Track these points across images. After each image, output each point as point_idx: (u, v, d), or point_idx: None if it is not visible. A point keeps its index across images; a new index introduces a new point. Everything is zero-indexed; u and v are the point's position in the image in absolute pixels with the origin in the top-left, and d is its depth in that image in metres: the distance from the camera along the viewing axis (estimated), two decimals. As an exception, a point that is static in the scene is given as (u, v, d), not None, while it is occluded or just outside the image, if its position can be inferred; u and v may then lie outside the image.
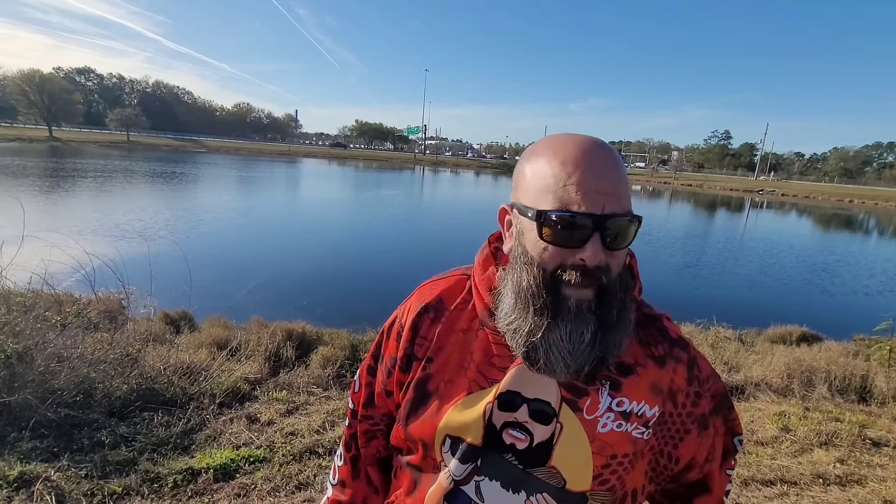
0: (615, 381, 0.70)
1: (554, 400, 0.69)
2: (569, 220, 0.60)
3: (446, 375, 0.73)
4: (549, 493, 0.68)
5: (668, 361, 0.72)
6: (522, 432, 0.69)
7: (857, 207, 46.69)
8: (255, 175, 35.52)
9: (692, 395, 0.74)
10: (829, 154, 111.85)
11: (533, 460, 0.69)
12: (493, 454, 0.70)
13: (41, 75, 69.41)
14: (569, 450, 0.68)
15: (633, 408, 0.69)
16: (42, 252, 4.37)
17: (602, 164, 0.62)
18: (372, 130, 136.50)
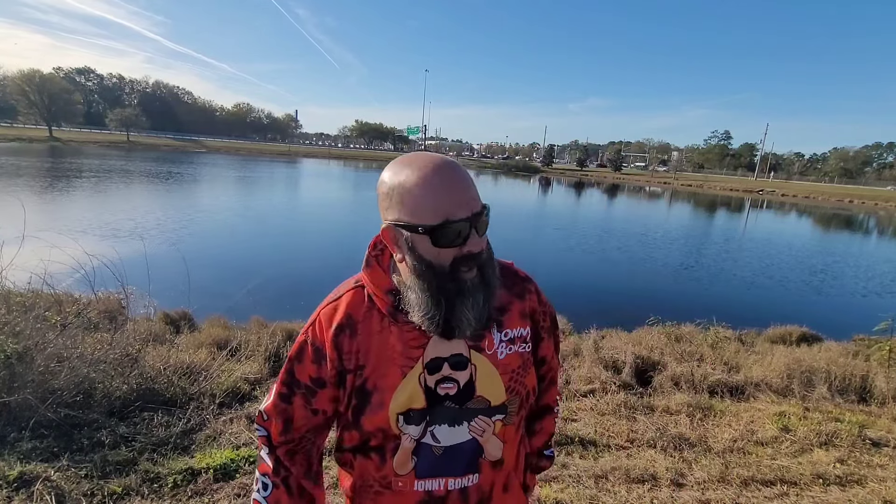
0: (499, 321, 0.94)
1: (464, 350, 0.90)
2: (454, 226, 0.80)
3: (379, 371, 0.88)
4: (482, 415, 0.91)
5: (525, 294, 1.00)
6: (450, 382, 0.89)
7: (857, 208, 46.67)
8: (255, 175, 35.51)
9: (541, 314, 1.02)
10: (829, 154, 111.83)
11: (464, 398, 0.90)
12: (437, 406, 0.89)
13: (41, 75, 69.36)
14: (485, 380, 0.91)
15: (515, 333, 0.95)
16: (42, 252, 4.37)
17: (461, 178, 0.82)
18: (372, 131, 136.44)
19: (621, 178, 73.05)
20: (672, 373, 4.36)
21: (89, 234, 10.66)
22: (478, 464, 0.93)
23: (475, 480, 0.93)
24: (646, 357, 4.64)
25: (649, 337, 5.44)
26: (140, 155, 46.66)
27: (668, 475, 2.85)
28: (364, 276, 0.92)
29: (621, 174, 79.39)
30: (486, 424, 0.92)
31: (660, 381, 4.26)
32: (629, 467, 2.90)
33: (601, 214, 26.81)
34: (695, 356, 4.88)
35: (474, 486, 0.93)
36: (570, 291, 9.57)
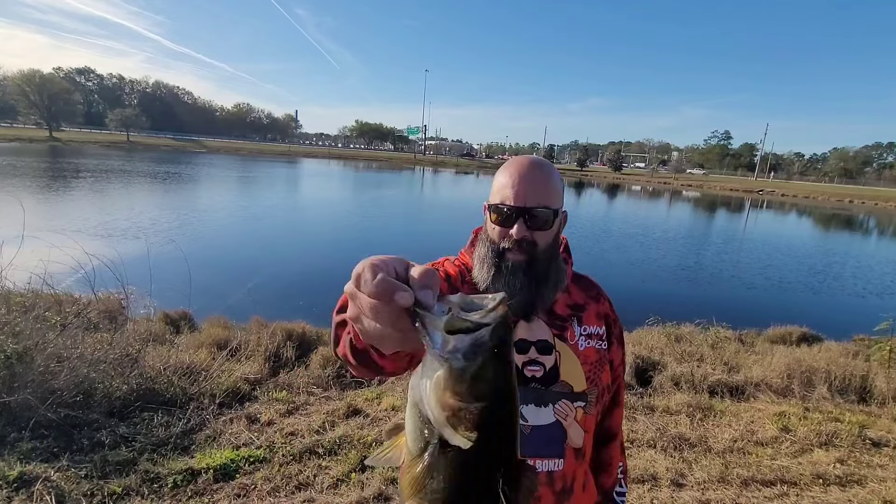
0: (579, 316, 1.05)
1: (549, 337, 1.00)
2: (503, 209, 0.96)
3: None
4: (565, 399, 0.99)
5: (600, 298, 1.11)
6: (537, 365, 0.98)
7: (857, 208, 46.66)
8: (255, 175, 35.51)
9: (613, 321, 1.11)
10: (829, 154, 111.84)
11: (549, 381, 0.98)
12: (523, 387, 0.96)
13: (41, 75, 69.32)
14: (568, 366, 1.00)
15: (593, 330, 1.05)
16: (42, 252, 4.36)
17: (529, 174, 0.96)
18: (372, 131, 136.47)
19: (621, 178, 73.05)
20: (672, 373, 4.36)
21: (89, 234, 10.66)
22: (563, 448, 0.99)
23: (560, 466, 0.98)
24: (646, 357, 4.64)
25: (649, 337, 5.44)
26: (140, 155, 46.65)
27: (668, 475, 2.85)
28: (462, 254, 1.10)
29: (621, 174, 79.40)
30: (569, 409, 0.99)
31: (660, 381, 4.26)
32: (629, 467, 2.89)
33: (600, 214, 26.82)
34: (695, 356, 4.88)
35: (559, 472, 0.98)
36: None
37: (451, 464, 0.43)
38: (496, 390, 0.43)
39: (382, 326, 0.46)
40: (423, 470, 0.44)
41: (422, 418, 0.44)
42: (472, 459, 0.43)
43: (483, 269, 0.98)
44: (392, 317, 0.45)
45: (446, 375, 0.41)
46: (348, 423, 3.21)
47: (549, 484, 0.97)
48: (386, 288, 0.44)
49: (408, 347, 0.48)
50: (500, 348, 0.43)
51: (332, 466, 2.73)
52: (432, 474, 0.44)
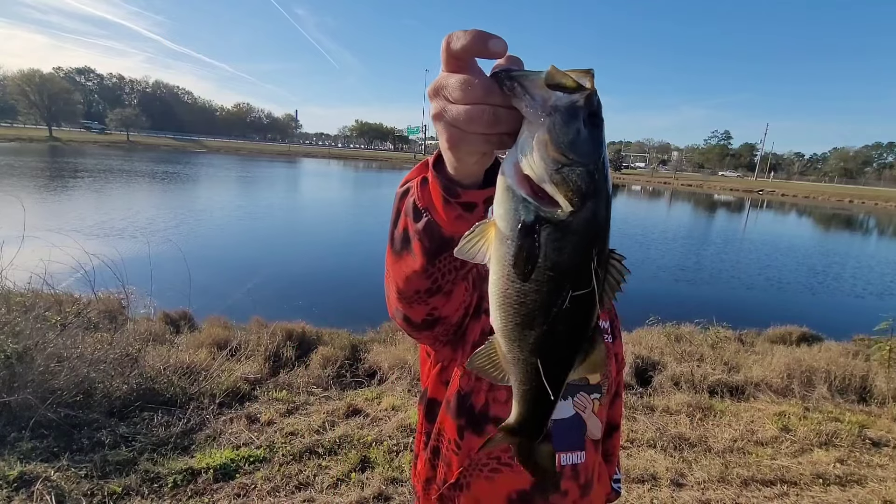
0: None
1: None
2: None
3: None
4: (583, 391, 1.01)
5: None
6: None
7: (857, 207, 46.67)
8: (255, 175, 35.51)
9: (615, 315, 1.13)
10: (829, 154, 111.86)
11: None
12: None
13: (41, 75, 69.32)
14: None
15: (601, 325, 1.06)
16: (42, 252, 4.37)
17: None
18: (372, 130, 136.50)
19: (621, 178, 73.06)
20: (672, 373, 4.36)
21: (84, 234, 10.66)
22: (584, 441, 1.00)
23: (583, 458, 0.99)
24: (646, 357, 4.64)
25: (649, 337, 5.44)
26: (140, 155, 46.65)
27: (668, 475, 2.85)
28: None
29: (621, 174, 79.42)
30: (587, 401, 1.01)
31: (660, 381, 4.26)
32: (629, 467, 2.90)
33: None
34: (695, 356, 4.88)
35: (583, 464, 0.99)
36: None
37: (549, 238, 0.42)
38: (596, 157, 0.41)
39: (472, 106, 0.43)
40: (518, 249, 0.43)
41: (516, 198, 0.42)
42: (573, 231, 0.41)
43: None
44: (484, 88, 0.42)
45: (550, 129, 0.39)
46: (348, 423, 3.21)
47: (573, 478, 0.97)
48: (477, 36, 0.41)
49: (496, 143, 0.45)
50: (597, 112, 0.41)
51: (332, 466, 2.73)
52: (527, 253, 0.42)
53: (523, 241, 0.42)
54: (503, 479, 0.93)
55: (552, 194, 0.41)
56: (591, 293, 0.44)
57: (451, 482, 0.96)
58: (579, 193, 0.40)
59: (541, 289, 0.44)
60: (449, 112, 0.44)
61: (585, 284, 0.44)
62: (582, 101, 0.40)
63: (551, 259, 0.42)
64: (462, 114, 0.44)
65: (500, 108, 0.43)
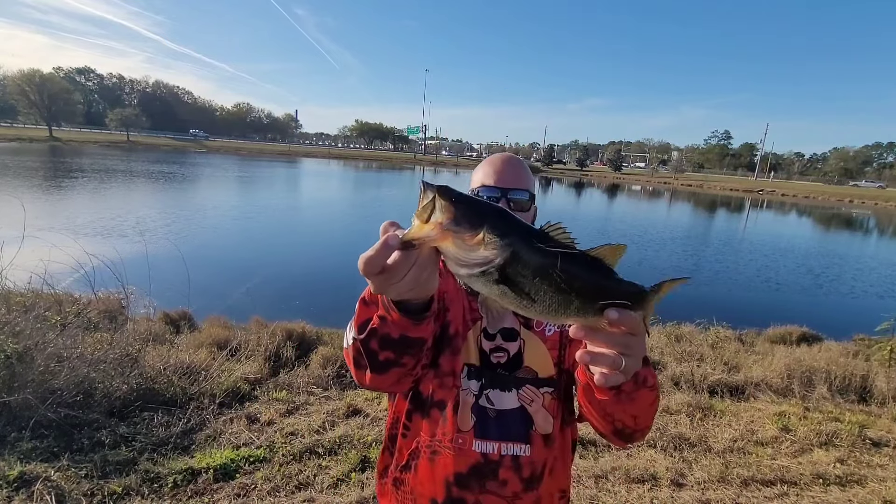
0: None
1: (515, 325, 1.04)
2: (487, 191, 1.06)
3: (458, 320, 1.02)
4: (530, 384, 1.02)
5: None
6: (501, 351, 1.02)
7: (857, 207, 46.67)
8: (255, 175, 35.50)
9: None
10: (829, 154, 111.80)
11: (514, 366, 1.02)
12: (489, 371, 1.02)
13: (41, 75, 69.20)
14: (532, 353, 1.03)
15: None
16: (42, 252, 4.37)
17: (508, 163, 1.09)
18: (372, 130, 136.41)
19: (621, 178, 73.05)
20: (672, 373, 4.36)
21: (75, 234, 10.66)
22: (529, 434, 1.00)
23: (527, 451, 0.99)
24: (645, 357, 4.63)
25: (649, 337, 5.43)
26: (140, 155, 46.63)
27: (668, 475, 2.85)
28: None
29: (621, 174, 79.39)
30: (535, 395, 1.01)
31: (660, 381, 4.26)
32: (629, 467, 2.90)
33: (600, 214, 26.82)
34: (695, 356, 4.88)
35: (527, 457, 0.99)
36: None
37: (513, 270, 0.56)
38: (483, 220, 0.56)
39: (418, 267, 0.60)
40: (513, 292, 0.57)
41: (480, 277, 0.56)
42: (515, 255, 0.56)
43: None
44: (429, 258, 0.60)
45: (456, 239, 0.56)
46: (348, 423, 3.21)
47: (514, 469, 0.97)
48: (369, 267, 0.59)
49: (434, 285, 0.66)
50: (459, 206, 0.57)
51: (332, 466, 2.73)
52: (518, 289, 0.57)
53: (505, 285, 0.55)
54: (443, 462, 0.98)
55: (483, 259, 0.55)
56: (565, 256, 0.56)
57: (401, 464, 1.02)
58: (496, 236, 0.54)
59: (543, 291, 0.57)
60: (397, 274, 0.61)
61: (553, 257, 0.56)
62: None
63: (528, 274, 0.55)
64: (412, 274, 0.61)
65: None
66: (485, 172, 1.07)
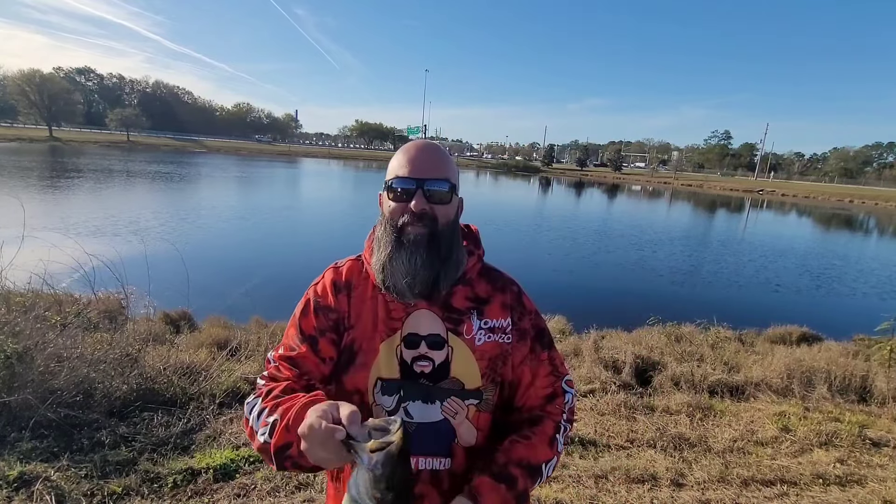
0: (479, 310, 0.99)
1: (442, 332, 0.96)
2: (400, 182, 0.93)
3: (366, 335, 0.96)
4: (455, 396, 0.96)
5: (506, 290, 1.04)
6: (426, 361, 0.95)
7: (857, 207, 46.66)
8: (255, 175, 35.49)
9: (517, 313, 1.03)
10: (829, 154, 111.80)
11: (438, 377, 0.95)
12: (410, 382, 0.95)
13: (41, 75, 69.21)
14: (460, 362, 0.96)
15: (495, 323, 0.99)
16: (42, 252, 4.37)
17: (424, 151, 0.95)
18: (372, 130, 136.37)
19: (621, 178, 73.04)
20: (672, 373, 4.36)
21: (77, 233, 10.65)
22: (451, 448, 0.96)
23: (447, 465, 0.96)
24: (646, 357, 4.64)
25: (649, 337, 5.44)
26: (140, 155, 46.62)
27: (668, 475, 2.85)
28: (365, 249, 1.04)
29: (621, 174, 79.39)
30: (459, 407, 0.96)
31: (660, 381, 4.26)
32: (629, 467, 2.90)
33: (601, 214, 26.82)
34: (695, 356, 4.88)
35: (446, 470, 0.96)
36: (570, 292, 9.57)
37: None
38: (403, 482, 0.68)
39: (327, 454, 0.68)
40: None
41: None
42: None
43: (381, 248, 0.94)
44: (335, 448, 0.67)
45: (373, 479, 0.66)
46: (348, 423, 3.21)
47: (433, 483, 0.94)
48: (327, 433, 0.66)
49: (341, 464, 0.74)
50: (403, 456, 0.67)
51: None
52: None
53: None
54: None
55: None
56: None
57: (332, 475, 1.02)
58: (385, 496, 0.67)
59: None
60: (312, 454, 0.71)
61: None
62: (392, 452, 0.65)
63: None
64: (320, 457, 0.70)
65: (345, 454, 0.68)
66: (398, 162, 0.94)
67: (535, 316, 1.05)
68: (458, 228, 1.00)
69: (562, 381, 1.07)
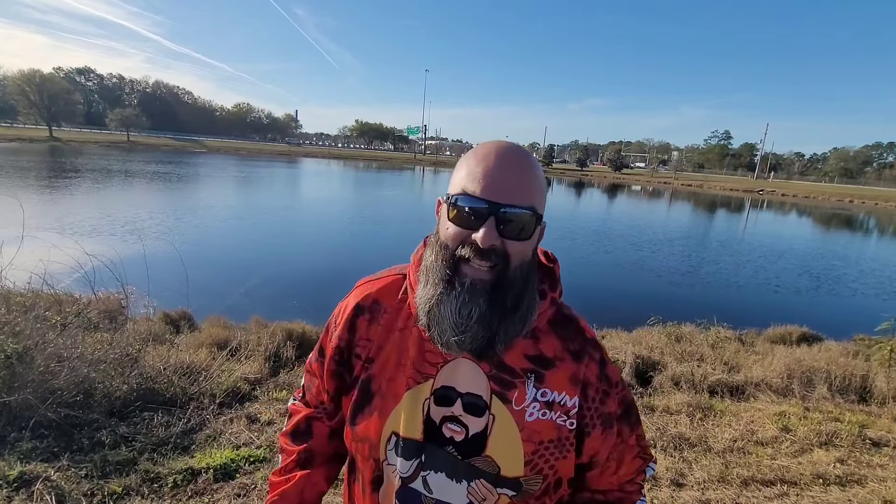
0: (539, 374, 0.76)
1: (485, 393, 0.74)
2: (468, 202, 0.69)
3: (387, 374, 0.78)
4: (486, 480, 0.74)
5: (583, 357, 0.78)
6: (459, 425, 0.75)
7: (857, 207, 46.66)
8: (254, 175, 35.48)
9: (601, 392, 0.79)
10: (829, 154, 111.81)
11: (470, 450, 0.74)
12: (435, 448, 0.75)
13: (41, 75, 69.20)
14: (501, 438, 0.74)
15: (556, 397, 0.76)
16: (42, 252, 4.37)
17: (509, 163, 0.70)
18: (372, 130, 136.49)
19: (621, 178, 73.04)
20: (672, 373, 4.36)
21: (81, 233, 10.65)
22: None
23: None
24: (646, 357, 4.64)
25: (649, 337, 5.44)
26: (140, 155, 46.60)
27: (668, 475, 2.85)
28: (412, 264, 0.81)
29: (621, 174, 79.38)
30: (489, 493, 0.75)
31: (660, 381, 4.26)
32: (629, 467, 2.89)
33: (601, 214, 26.82)
34: (695, 356, 4.88)
35: None
36: (570, 292, 9.43)
37: None
38: None
39: None
40: None
41: None
42: None
43: (428, 285, 0.72)
44: None
45: None
46: (348, 423, 3.21)
47: None
48: None
49: None
50: None
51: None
52: None
53: None
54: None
55: None
56: None
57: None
58: None
59: None
60: None
61: None
62: None
63: None
64: None
65: None
66: (469, 171, 0.70)
67: (621, 389, 0.83)
68: (534, 270, 0.75)
69: (650, 463, 0.89)
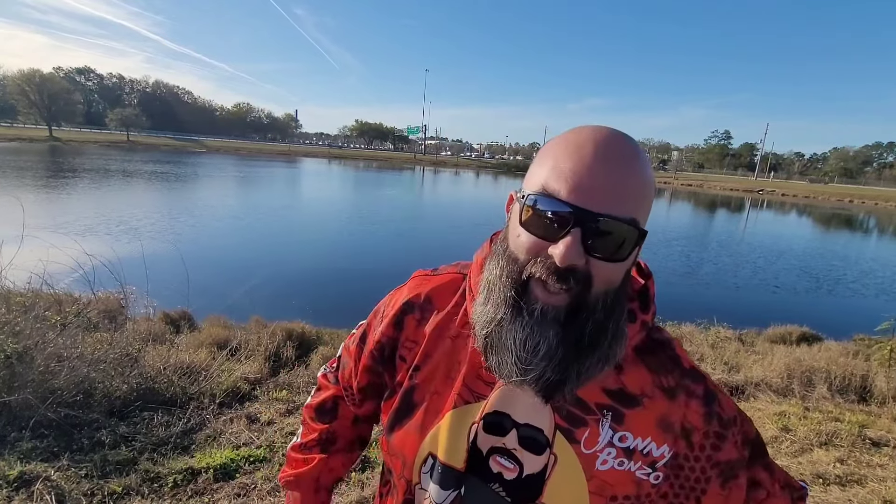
0: (618, 413, 0.60)
1: (547, 427, 0.60)
2: (547, 205, 0.52)
3: (433, 386, 0.66)
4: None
5: (678, 394, 0.61)
6: (511, 461, 0.61)
7: (857, 207, 46.68)
8: (254, 175, 35.48)
9: (712, 437, 0.61)
10: (829, 154, 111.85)
11: (522, 494, 0.61)
12: (478, 482, 0.63)
13: (41, 75, 69.27)
14: (563, 486, 0.59)
15: (638, 444, 0.60)
16: (42, 252, 4.36)
17: (610, 157, 0.52)
18: (372, 130, 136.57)
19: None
20: (672, 373, 4.35)
21: (79, 233, 10.65)
22: None
23: None
24: (646, 357, 4.63)
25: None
26: (140, 155, 46.61)
27: (668, 475, 2.85)
28: (474, 264, 0.68)
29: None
30: None
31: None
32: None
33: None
34: (695, 356, 4.88)
35: None
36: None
37: None
38: None
39: None
40: None
41: None
42: None
43: (489, 301, 0.58)
44: None
45: None
46: (348, 423, 3.20)
47: None
48: None
49: None
50: None
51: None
52: None
53: None
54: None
55: None
56: None
57: None
58: None
59: None
60: None
61: None
62: None
63: None
64: None
65: None
66: (555, 163, 0.53)
67: (740, 425, 0.64)
68: (624, 297, 0.58)
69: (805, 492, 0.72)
